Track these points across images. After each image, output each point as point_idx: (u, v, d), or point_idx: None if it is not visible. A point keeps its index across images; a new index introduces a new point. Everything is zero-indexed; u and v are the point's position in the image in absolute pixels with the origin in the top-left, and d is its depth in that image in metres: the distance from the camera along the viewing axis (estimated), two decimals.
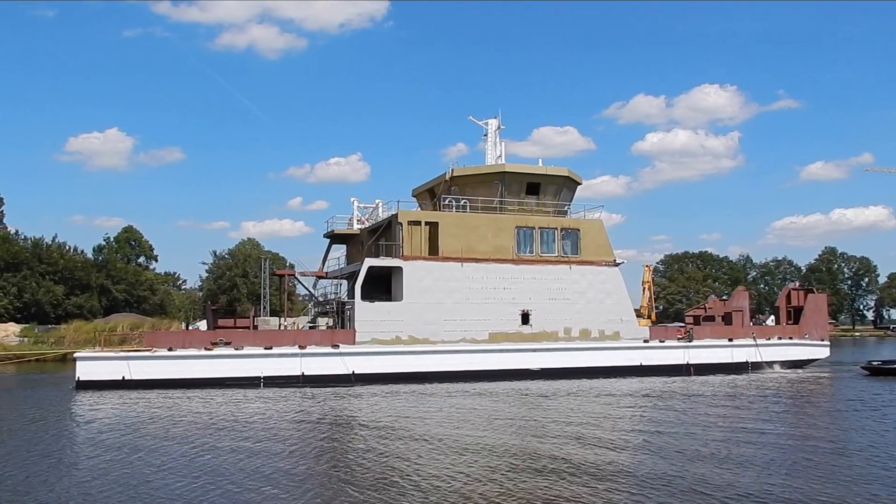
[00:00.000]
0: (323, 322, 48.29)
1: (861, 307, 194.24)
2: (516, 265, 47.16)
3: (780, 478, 17.39)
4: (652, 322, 56.07)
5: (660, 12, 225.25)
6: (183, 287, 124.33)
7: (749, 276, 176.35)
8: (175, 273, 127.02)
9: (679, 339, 50.00)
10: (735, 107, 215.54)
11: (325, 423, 27.22)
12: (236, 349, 41.75)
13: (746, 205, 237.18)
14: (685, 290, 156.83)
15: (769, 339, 52.44)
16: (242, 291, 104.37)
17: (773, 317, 58.10)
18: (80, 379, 39.59)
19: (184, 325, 56.63)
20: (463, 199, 48.22)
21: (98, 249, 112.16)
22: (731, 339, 51.26)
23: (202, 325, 67.11)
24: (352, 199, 50.55)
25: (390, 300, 45.62)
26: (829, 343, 55.73)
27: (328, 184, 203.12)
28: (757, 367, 50.74)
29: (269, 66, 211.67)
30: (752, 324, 54.92)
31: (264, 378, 41.39)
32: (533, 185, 49.50)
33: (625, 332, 48.95)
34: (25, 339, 78.96)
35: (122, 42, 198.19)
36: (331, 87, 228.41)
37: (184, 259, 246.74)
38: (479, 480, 17.40)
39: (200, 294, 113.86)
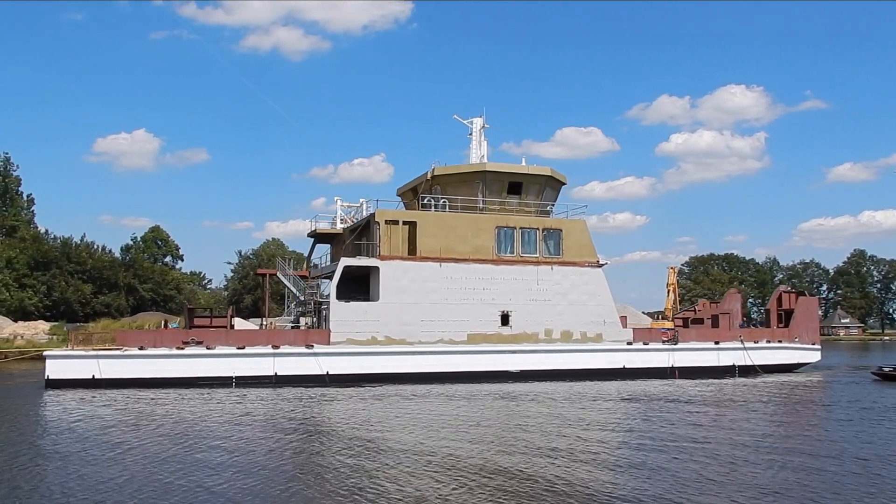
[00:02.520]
0: (304, 322, 46.95)
1: (891, 311, 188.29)
2: (496, 265, 45.18)
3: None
4: None
5: (683, 12, 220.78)
6: (208, 286, 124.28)
7: (776, 279, 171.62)
8: (201, 273, 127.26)
9: (664, 341, 47.52)
10: (761, 107, 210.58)
11: (294, 426, 25.71)
12: (208, 348, 40.43)
13: (773, 206, 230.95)
14: (710, 293, 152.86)
15: (757, 342, 49.67)
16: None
17: None
18: (50, 377, 38.55)
19: (163, 323, 55.31)
20: (442, 198, 46.39)
21: (125, 249, 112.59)
22: (717, 342, 48.58)
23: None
24: (336, 199, 49.13)
25: (369, 300, 43.99)
26: (820, 347, 52.66)
27: (352, 184, 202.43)
28: (745, 370, 48.00)
29: (293, 68, 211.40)
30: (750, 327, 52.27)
31: (236, 378, 40.02)
32: (514, 185, 47.44)
33: (608, 334, 46.61)
34: (54, 336, 78.98)
35: (149, 44, 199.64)
36: (354, 88, 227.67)
37: (209, 259, 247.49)
38: (451, 488, 16.05)
39: (226, 293, 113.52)
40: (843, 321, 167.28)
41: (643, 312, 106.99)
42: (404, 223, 44.74)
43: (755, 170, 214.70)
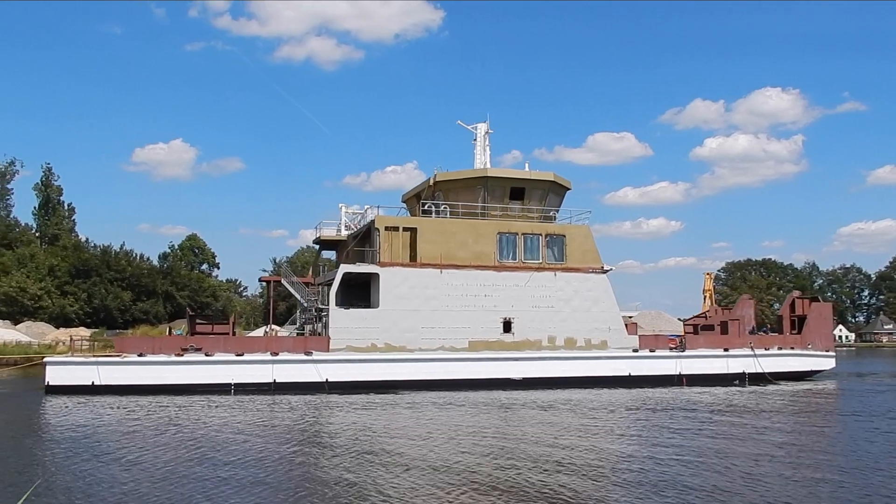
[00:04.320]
0: (309, 329, 46.13)
1: None
2: (498, 272, 43.81)
3: None
4: None
5: (714, 15, 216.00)
6: (244, 294, 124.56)
7: (815, 284, 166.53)
8: (236, 280, 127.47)
9: (671, 348, 45.64)
10: (798, 110, 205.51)
11: (294, 435, 24.80)
12: (207, 355, 39.77)
13: (811, 211, 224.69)
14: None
15: (768, 349, 47.41)
16: None
17: None
18: (50, 384, 38.19)
19: (168, 330, 54.99)
20: (442, 204, 45.26)
21: (163, 257, 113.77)
22: (726, 349, 46.47)
23: (260, 332, 65.61)
24: (340, 205, 48.22)
25: (370, 307, 43.00)
26: (834, 354, 50.05)
27: (384, 192, 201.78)
28: (755, 378, 45.80)
29: (326, 77, 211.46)
30: (760, 334, 49.97)
31: (235, 385, 39.20)
32: (517, 191, 46.02)
33: (613, 341, 44.90)
34: (95, 343, 79.57)
35: (185, 56, 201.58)
36: (387, 96, 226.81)
37: (245, 266, 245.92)
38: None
39: (261, 301, 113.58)
40: (885, 327, 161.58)
41: (679, 319, 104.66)
42: (404, 229, 43.69)
43: (792, 173, 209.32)
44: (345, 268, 42.48)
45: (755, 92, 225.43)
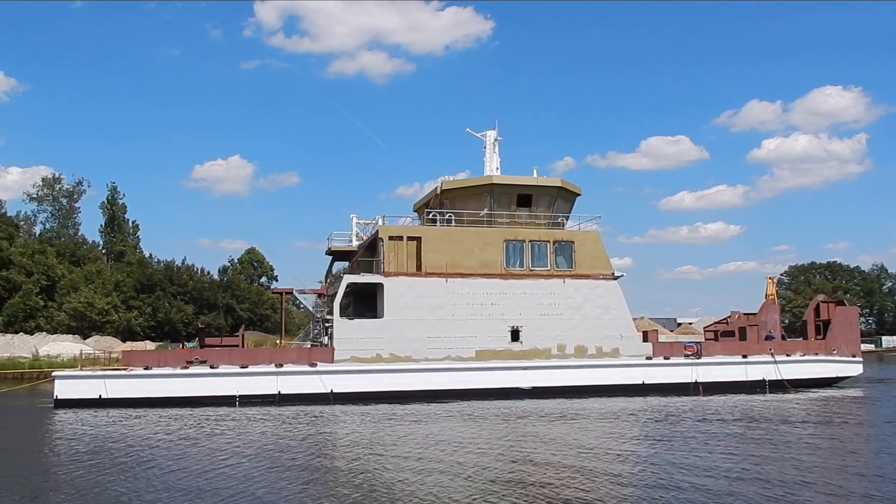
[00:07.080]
0: (321, 341, 44.81)
1: None
2: (505, 280, 41.66)
3: None
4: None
5: (767, 15, 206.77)
6: (301, 306, 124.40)
7: (884, 287, 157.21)
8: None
9: (687, 356, 42.57)
10: (860, 108, 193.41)
11: (298, 449, 23.67)
12: (212, 367, 38.78)
13: (877, 211, 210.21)
14: None
15: (789, 355, 43.77)
16: None
17: None
18: (59, 397, 37.75)
19: (181, 344, 54.39)
20: (448, 212, 43.38)
21: (223, 270, 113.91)
22: (745, 356, 43.11)
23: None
24: (351, 215, 46.79)
25: (377, 317, 41.44)
26: (861, 359, 45.95)
27: None
28: (776, 385, 42.30)
29: (378, 91, 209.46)
30: (784, 340, 46.32)
31: (240, 397, 38.13)
32: (524, 197, 43.76)
33: (625, 348, 42.15)
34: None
35: (241, 74, 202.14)
36: (438, 107, 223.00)
37: (302, 279, 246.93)
38: None
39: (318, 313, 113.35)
40: None
41: None
42: (409, 239, 41.98)
43: (856, 173, 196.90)
44: (348, 278, 41.10)
45: (814, 91, 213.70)
